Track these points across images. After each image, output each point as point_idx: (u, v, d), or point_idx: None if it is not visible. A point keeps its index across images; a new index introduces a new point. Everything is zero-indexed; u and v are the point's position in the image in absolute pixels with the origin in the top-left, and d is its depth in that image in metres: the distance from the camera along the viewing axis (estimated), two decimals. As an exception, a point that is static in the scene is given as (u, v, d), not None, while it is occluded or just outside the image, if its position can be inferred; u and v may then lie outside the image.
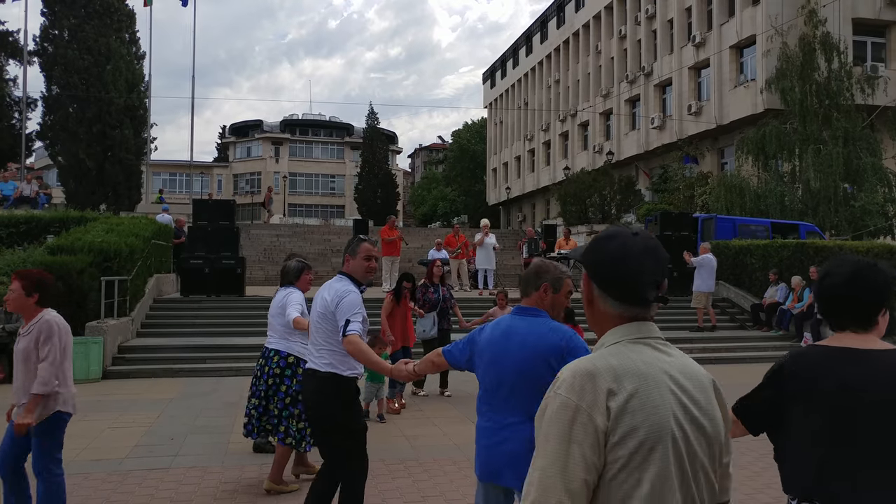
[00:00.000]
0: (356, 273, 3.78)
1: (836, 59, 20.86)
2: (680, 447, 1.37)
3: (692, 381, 1.45)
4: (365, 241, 3.83)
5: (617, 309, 1.52)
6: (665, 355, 1.47)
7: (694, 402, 1.43)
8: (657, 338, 1.50)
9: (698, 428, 1.41)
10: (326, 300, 3.68)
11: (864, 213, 18.99)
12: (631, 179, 30.30)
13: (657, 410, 1.36)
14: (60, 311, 10.72)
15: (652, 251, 1.52)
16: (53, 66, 27.96)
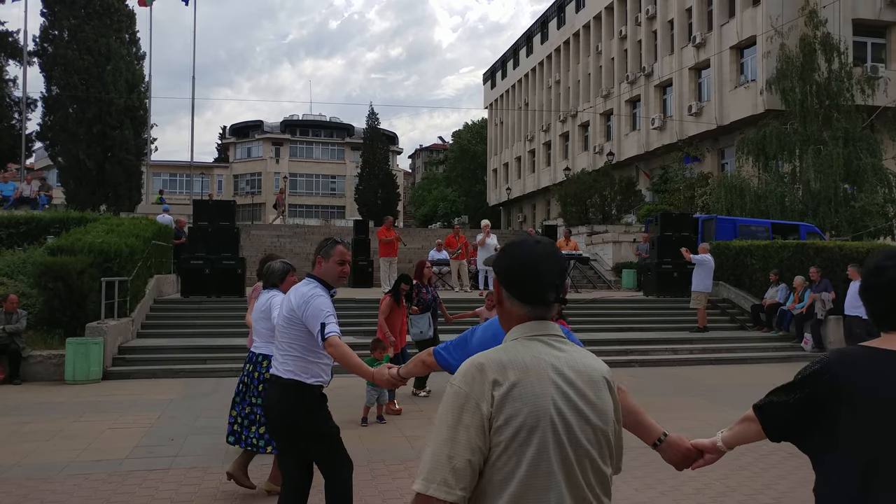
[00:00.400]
0: (327, 276, 3.60)
1: (837, 60, 20.86)
2: (560, 433, 1.51)
3: (581, 375, 1.59)
4: (339, 243, 3.66)
5: (521, 309, 1.68)
6: (557, 350, 1.61)
7: (579, 393, 1.56)
8: (553, 335, 1.64)
9: (582, 418, 1.55)
10: (293, 304, 3.51)
11: (864, 213, 18.99)
12: (631, 180, 30.31)
13: (536, 399, 1.50)
14: (61, 311, 10.72)
15: (551, 257, 1.69)
16: (53, 67, 27.96)
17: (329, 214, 60.72)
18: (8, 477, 5.35)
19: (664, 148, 30.28)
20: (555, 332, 1.65)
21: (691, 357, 12.05)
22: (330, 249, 3.61)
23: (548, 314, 1.68)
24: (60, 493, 4.98)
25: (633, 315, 14.62)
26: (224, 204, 16.30)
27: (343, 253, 3.61)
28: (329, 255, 3.60)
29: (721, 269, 15.32)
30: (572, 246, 18.44)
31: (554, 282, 1.67)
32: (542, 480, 1.49)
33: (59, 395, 8.83)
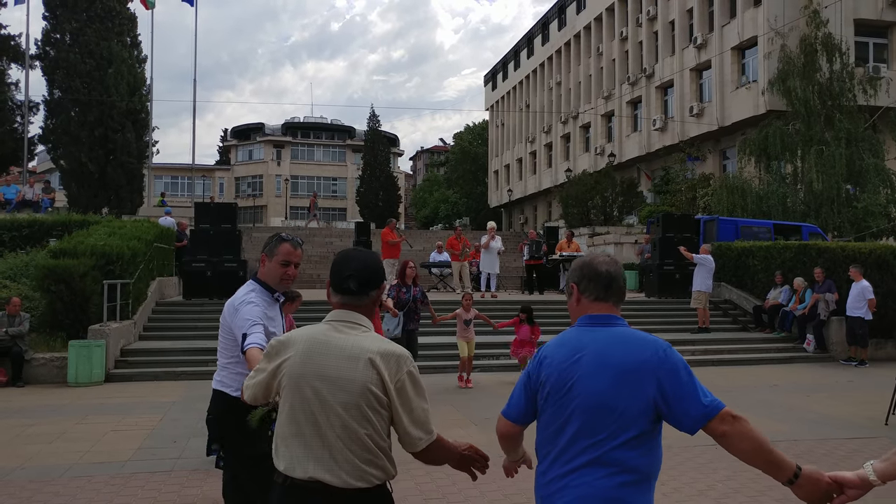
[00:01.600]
0: (269, 278, 3.19)
1: (839, 60, 20.85)
2: (307, 393, 2.03)
3: (343, 351, 2.03)
4: (286, 241, 3.19)
5: (334, 298, 2.18)
6: (336, 332, 2.08)
7: (336, 367, 2.01)
8: (342, 321, 2.11)
9: (332, 384, 2.01)
10: (225, 308, 3.20)
11: (866, 214, 18.96)
12: (633, 181, 30.30)
13: (295, 367, 2.05)
14: (63, 314, 10.73)
15: (353, 258, 2.19)
16: (55, 70, 28.04)
17: (330, 217, 60.73)
18: (11, 479, 5.36)
19: (665, 149, 30.27)
20: (347, 320, 2.10)
21: (693, 358, 12.01)
22: (274, 248, 3.16)
23: (350, 303, 2.13)
24: (63, 496, 4.98)
25: (635, 316, 14.58)
26: (225, 206, 16.32)
27: (289, 252, 3.15)
28: (273, 254, 3.17)
29: (723, 270, 15.31)
30: (574, 247, 18.42)
31: (350, 275, 2.13)
32: (290, 427, 2.05)
33: (62, 397, 8.84)
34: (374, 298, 2.18)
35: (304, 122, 68.68)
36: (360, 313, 2.12)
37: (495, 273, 16.52)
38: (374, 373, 1.99)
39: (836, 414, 7.96)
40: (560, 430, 2.01)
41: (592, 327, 2.08)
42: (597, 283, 2.11)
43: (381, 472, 2.03)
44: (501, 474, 2.53)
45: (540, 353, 2.15)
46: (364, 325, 2.09)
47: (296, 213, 61.12)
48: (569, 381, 2.01)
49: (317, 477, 1.98)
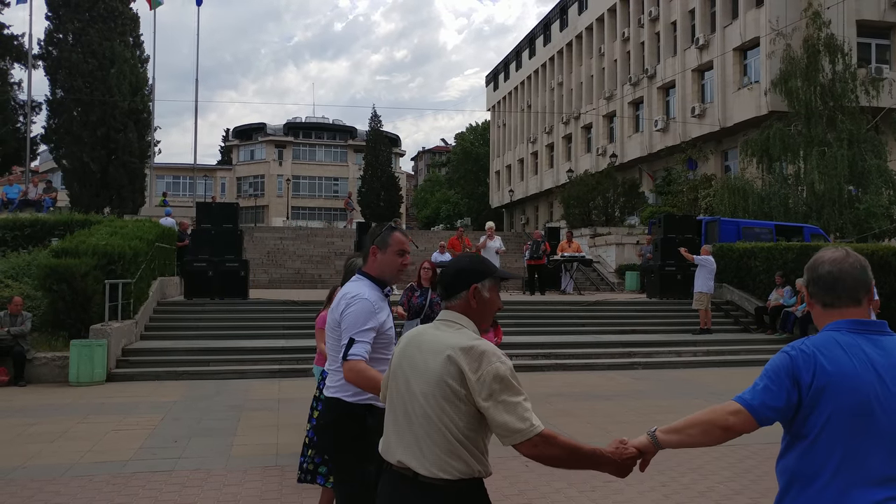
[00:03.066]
0: (385, 271, 2.98)
1: (841, 61, 20.83)
2: (400, 382, 2.15)
3: (431, 346, 2.10)
4: (397, 229, 3.04)
5: None
6: (434, 329, 2.18)
7: (423, 360, 2.10)
8: (442, 320, 2.20)
9: (418, 375, 2.09)
10: (335, 307, 2.96)
11: (868, 215, 18.94)
12: (634, 182, 30.27)
13: (395, 360, 2.23)
14: (65, 314, 10.74)
15: (446, 266, 2.33)
16: (58, 70, 28.09)
17: (332, 217, 60.75)
18: (12, 478, 5.37)
19: (667, 150, 30.26)
20: (445, 318, 2.20)
21: (695, 359, 12.01)
22: (387, 238, 2.97)
23: (446, 305, 2.24)
24: (64, 495, 4.99)
25: (637, 317, 14.59)
26: (227, 206, 16.35)
27: (403, 241, 3.01)
28: (385, 245, 2.96)
29: (725, 271, 15.30)
30: (575, 248, 18.42)
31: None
32: (388, 415, 2.19)
33: (64, 397, 8.85)
34: (465, 298, 2.19)
35: (305, 123, 68.71)
36: (458, 312, 2.18)
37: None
38: (453, 366, 2.02)
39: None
40: (853, 455, 1.74)
41: (868, 334, 1.85)
42: (820, 286, 1.92)
43: (463, 466, 2.01)
44: (499, 475, 2.51)
45: (804, 351, 1.83)
46: (461, 323, 2.15)
47: (297, 213, 61.15)
48: (870, 399, 1.74)
49: (404, 462, 2.06)
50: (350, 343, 2.77)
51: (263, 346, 11.36)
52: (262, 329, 12.52)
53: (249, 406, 8.27)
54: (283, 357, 10.92)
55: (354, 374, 2.74)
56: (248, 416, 7.70)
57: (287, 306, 13.80)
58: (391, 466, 2.11)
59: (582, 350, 12.07)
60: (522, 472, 5.35)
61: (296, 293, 16.40)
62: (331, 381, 2.98)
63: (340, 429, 2.88)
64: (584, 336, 12.98)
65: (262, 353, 11.05)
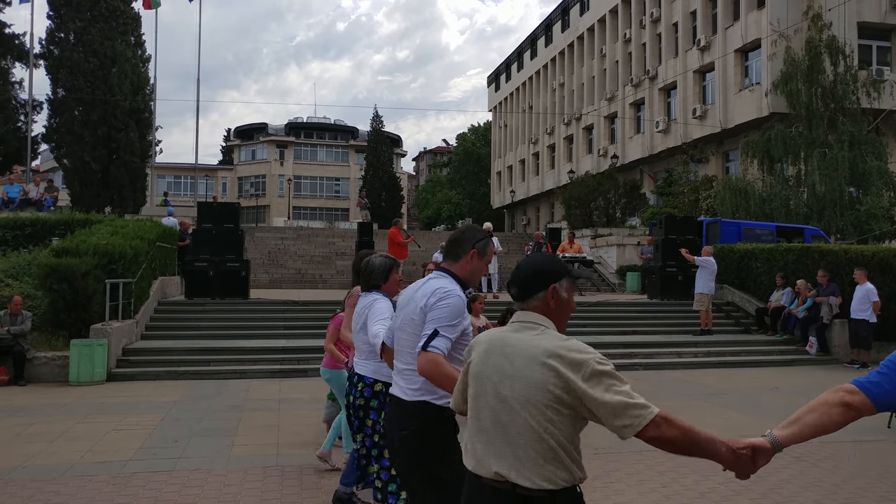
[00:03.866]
0: (473, 277, 2.93)
1: (842, 63, 20.81)
2: (488, 389, 2.05)
3: (521, 350, 2.02)
4: (494, 238, 3.02)
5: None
6: (514, 332, 2.09)
7: (514, 365, 2.01)
8: (521, 321, 2.11)
9: (512, 382, 2.00)
10: (418, 302, 2.81)
11: (869, 217, 18.92)
12: (635, 183, 30.28)
13: (477, 365, 2.12)
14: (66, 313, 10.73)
15: (519, 266, 2.23)
16: (59, 69, 28.12)
17: (333, 217, 60.76)
18: (12, 478, 5.36)
19: (668, 151, 30.25)
20: (525, 320, 2.11)
21: (695, 360, 12.01)
22: (487, 246, 2.96)
23: (522, 306, 2.15)
24: (64, 495, 4.99)
25: (638, 318, 14.58)
26: (228, 206, 16.35)
27: (493, 252, 3.12)
28: (484, 253, 2.95)
29: (725, 272, 15.29)
30: (576, 249, 18.42)
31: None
32: (474, 424, 2.10)
33: (64, 396, 8.85)
34: (543, 299, 2.10)
35: (307, 123, 68.74)
36: (537, 313, 2.09)
37: (496, 273, 16.54)
38: (553, 373, 1.93)
39: (838, 417, 7.93)
40: None
41: None
42: None
43: (566, 474, 1.94)
44: None
45: None
46: (543, 325, 2.06)
47: (298, 213, 61.16)
48: None
49: (502, 473, 1.95)
50: (434, 334, 2.68)
51: (264, 346, 11.36)
52: (262, 329, 12.52)
53: (250, 406, 8.27)
54: (283, 357, 10.92)
55: (432, 365, 2.63)
56: (248, 416, 7.70)
57: (288, 306, 13.80)
58: (480, 479, 2.01)
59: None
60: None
61: (297, 293, 16.40)
62: (407, 382, 2.83)
63: (431, 437, 2.72)
64: (584, 337, 12.90)
65: (262, 353, 11.05)
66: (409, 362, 2.83)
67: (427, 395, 2.75)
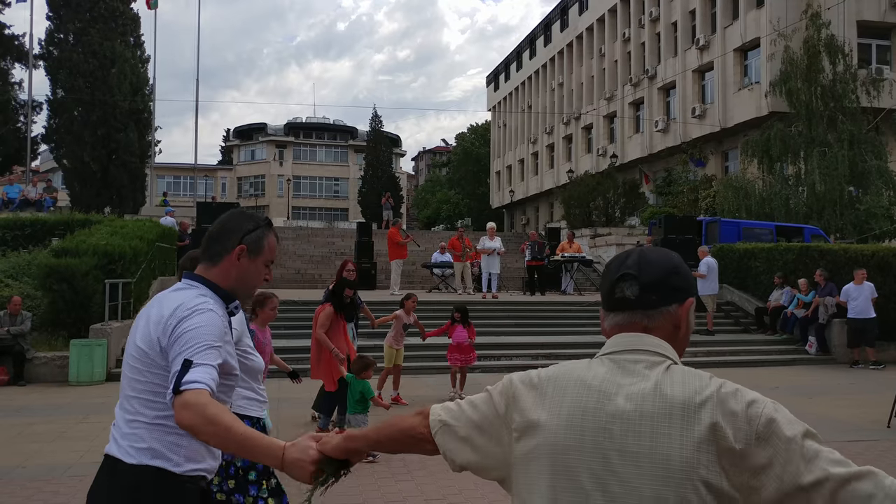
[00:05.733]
0: (241, 285, 2.05)
1: (841, 62, 20.82)
2: (582, 477, 1.28)
3: (645, 406, 1.27)
4: (272, 229, 2.17)
5: (608, 321, 1.44)
6: (623, 373, 1.31)
7: (636, 435, 1.25)
8: (628, 350, 1.33)
9: (630, 463, 1.24)
10: (156, 325, 1.89)
11: (869, 216, 18.93)
12: (635, 182, 30.26)
13: (558, 436, 1.28)
14: (65, 313, 10.72)
15: (629, 254, 1.40)
16: (59, 70, 28.11)
17: (332, 217, 60.73)
18: (12, 478, 5.36)
19: (668, 150, 30.25)
20: (632, 348, 1.32)
21: (695, 360, 11.98)
22: (263, 239, 2.13)
23: (629, 323, 1.36)
24: (64, 495, 4.98)
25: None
26: (228, 206, 16.35)
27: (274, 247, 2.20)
28: (259, 251, 2.10)
29: (725, 271, 15.28)
30: (575, 248, 18.41)
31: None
32: None
33: (63, 396, 8.85)
34: (674, 313, 1.33)
35: (306, 123, 68.73)
36: (655, 336, 1.31)
37: (496, 273, 16.53)
38: (709, 446, 1.17)
39: (837, 416, 7.94)
40: None
41: None
42: None
43: None
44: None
45: None
46: (667, 356, 1.29)
47: (298, 213, 61.15)
48: None
49: None
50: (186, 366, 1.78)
51: (263, 346, 11.34)
52: (262, 329, 12.51)
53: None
54: (282, 356, 10.83)
55: (195, 412, 1.71)
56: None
57: (287, 306, 13.79)
58: None
59: (582, 350, 12.05)
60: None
61: (296, 293, 16.39)
62: (128, 439, 2.03)
63: None
64: (584, 336, 12.96)
65: (262, 353, 11.03)
66: (134, 410, 1.96)
67: (160, 458, 1.87)
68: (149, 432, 1.89)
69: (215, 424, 1.66)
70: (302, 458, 1.58)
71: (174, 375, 1.75)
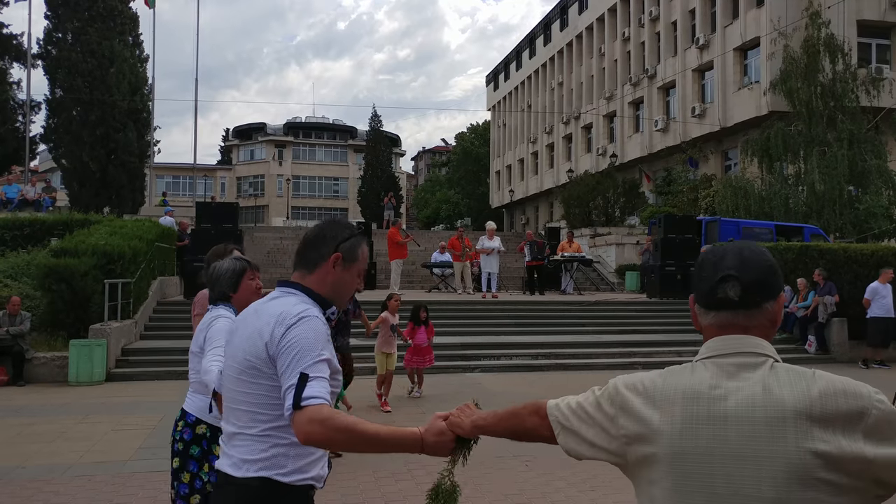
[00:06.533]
0: (336, 294, 2.05)
1: (841, 61, 20.82)
2: (694, 480, 1.37)
3: (753, 410, 1.35)
4: (365, 238, 2.19)
5: (705, 319, 1.48)
6: (726, 376, 1.37)
7: (745, 438, 1.33)
8: (731, 354, 1.37)
9: (743, 465, 1.31)
10: (258, 336, 1.90)
11: (868, 215, 18.94)
12: (634, 182, 30.25)
13: (673, 441, 1.37)
14: (64, 313, 10.71)
15: (727, 253, 1.44)
16: (57, 69, 28.08)
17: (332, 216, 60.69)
18: (12, 479, 5.36)
19: (667, 150, 30.25)
20: (735, 351, 1.37)
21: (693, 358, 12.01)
22: (358, 248, 2.12)
23: (731, 324, 1.41)
24: (64, 495, 4.98)
25: (637, 317, 14.59)
26: (227, 206, 16.36)
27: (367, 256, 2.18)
28: (355, 258, 2.10)
29: (725, 270, 15.28)
30: (575, 248, 18.42)
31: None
32: None
33: (63, 396, 8.84)
34: (770, 310, 1.38)
35: (305, 122, 68.73)
36: (754, 335, 1.35)
37: (495, 273, 16.53)
38: (813, 446, 1.21)
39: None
40: None
41: None
42: None
43: None
44: (499, 475, 2.44)
45: None
46: (769, 355, 1.34)
47: (297, 213, 61.15)
48: None
49: None
50: (303, 381, 1.82)
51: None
52: (261, 329, 12.50)
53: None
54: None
55: (321, 425, 1.76)
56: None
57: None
58: None
59: (582, 350, 12.06)
60: (522, 471, 5.35)
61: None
62: (239, 450, 1.96)
63: None
64: (583, 336, 12.97)
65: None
66: (243, 424, 1.93)
67: (270, 469, 1.89)
68: (258, 443, 1.91)
69: (347, 433, 1.74)
70: (441, 441, 1.77)
71: (291, 389, 1.78)
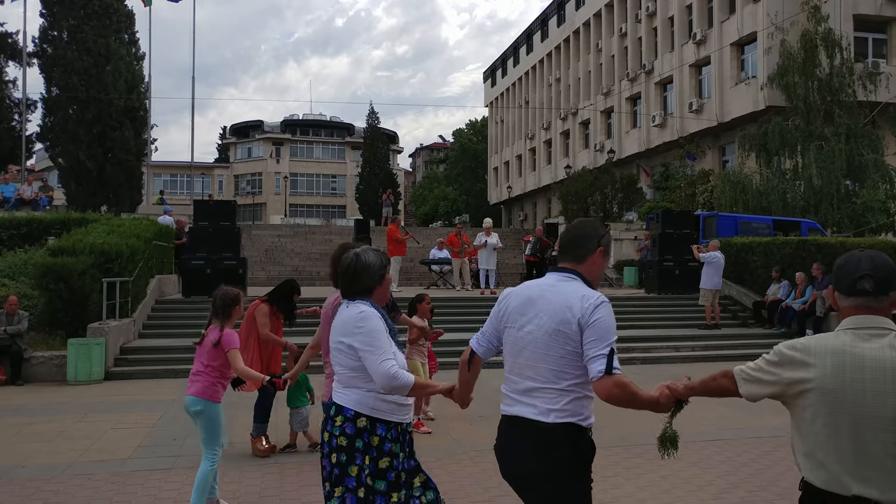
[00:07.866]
0: (597, 277, 2.66)
1: (838, 56, 20.84)
2: (845, 409, 2.01)
3: (882, 363, 1.98)
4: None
5: (844, 303, 2.13)
6: (862, 341, 2.01)
7: (875, 382, 1.99)
8: (865, 327, 2.01)
9: (877, 400, 1.97)
10: (567, 309, 2.45)
11: (865, 209, 18.97)
12: (632, 177, 30.30)
13: (826, 382, 2.03)
14: (62, 312, 10.69)
15: (863, 259, 2.07)
16: (53, 68, 27.99)
17: (330, 214, 60.75)
18: (11, 478, 5.36)
19: (665, 145, 30.26)
20: (867, 325, 2.01)
21: (693, 354, 12.04)
22: (611, 242, 2.73)
23: (865, 306, 2.05)
24: (63, 494, 4.98)
25: (635, 312, 14.60)
26: (225, 204, 16.31)
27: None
28: (609, 249, 2.73)
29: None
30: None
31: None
32: (830, 443, 2.05)
33: (61, 395, 8.84)
34: (892, 298, 2.03)
35: (303, 120, 68.64)
36: (880, 315, 2.01)
37: (493, 269, 16.53)
38: None
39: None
40: None
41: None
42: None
43: None
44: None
45: None
46: (893, 329, 1.99)
47: (295, 210, 61.11)
48: None
49: (864, 495, 1.92)
50: (612, 354, 2.41)
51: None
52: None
53: (247, 404, 8.25)
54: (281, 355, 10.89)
55: (621, 389, 2.35)
56: (245, 413, 7.68)
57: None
58: (841, 498, 1.95)
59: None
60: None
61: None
62: (546, 402, 2.42)
63: (586, 465, 2.47)
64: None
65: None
66: (545, 379, 2.43)
67: (573, 416, 2.42)
68: (562, 396, 2.43)
69: (631, 396, 2.39)
70: (667, 403, 2.51)
71: (602, 357, 2.39)
